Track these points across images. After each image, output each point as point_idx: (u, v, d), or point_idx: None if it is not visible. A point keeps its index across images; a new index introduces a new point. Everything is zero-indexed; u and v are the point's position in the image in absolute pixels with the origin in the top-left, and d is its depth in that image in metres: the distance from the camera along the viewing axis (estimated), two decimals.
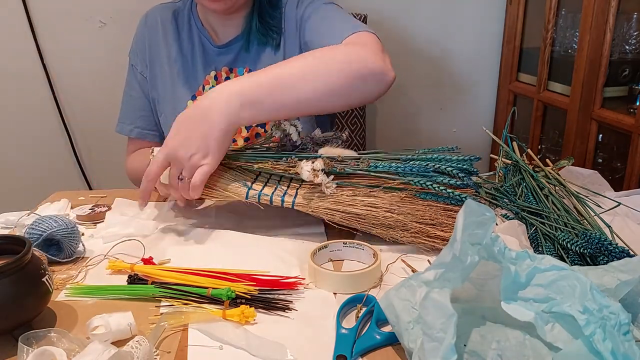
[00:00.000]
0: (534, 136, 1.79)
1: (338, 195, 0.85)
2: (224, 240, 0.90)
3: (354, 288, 0.75)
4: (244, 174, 0.91)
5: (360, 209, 0.84)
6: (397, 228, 0.84)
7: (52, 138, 1.83)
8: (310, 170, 0.83)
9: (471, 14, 1.87)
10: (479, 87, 1.97)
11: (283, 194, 0.87)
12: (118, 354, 0.58)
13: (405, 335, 0.58)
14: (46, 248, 0.82)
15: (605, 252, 0.72)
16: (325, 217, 0.85)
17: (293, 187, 0.89)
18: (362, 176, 0.88)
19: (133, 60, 1.23)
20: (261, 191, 0.88)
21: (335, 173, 0.86)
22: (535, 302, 0.54)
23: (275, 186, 0.89)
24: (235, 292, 0.71)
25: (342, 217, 0.85)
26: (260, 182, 0.90)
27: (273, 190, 0.88)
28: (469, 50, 1.91)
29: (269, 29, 1.15)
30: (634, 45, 1.47)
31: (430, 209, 0.84)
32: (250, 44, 1.16)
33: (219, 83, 1.15)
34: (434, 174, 0.86)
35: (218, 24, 1.18)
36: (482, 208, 0.56)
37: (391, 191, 0.86)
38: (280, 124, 0.93)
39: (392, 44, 1.86)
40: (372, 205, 0.84)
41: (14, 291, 0.63)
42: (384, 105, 1.96)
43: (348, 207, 0.84)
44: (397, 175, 0.87)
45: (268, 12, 1.15)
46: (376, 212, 0.84)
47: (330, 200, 0.85)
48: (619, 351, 0.48)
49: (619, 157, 1.54)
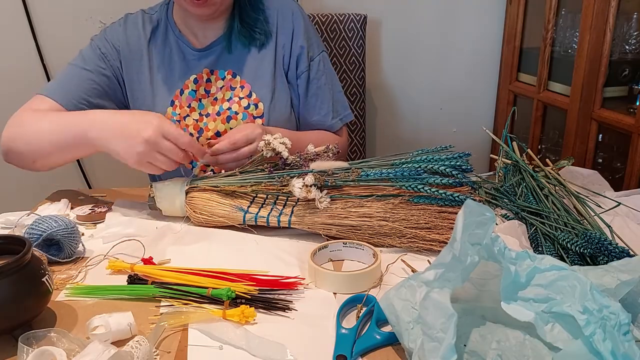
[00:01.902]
0: (534, 136, 1.79)
1: (332, 208, 0.86)
2: (224, 240, 0.90)
3: (354, 288, 0.75)
4: (239, 198, 0.92)
5: (355, 221, 0.85)
6: (394, 235, 0.84)
7: None
8: (301, 187, 0.84)
9: (471, 14, 1.87)
10: (479, 87, 1.97)
11: (279, 214, 0.89)
12: (118, 354, 0.58)
13: (405, 335, 0.58)
14: (46, 248, 0.82)
15: (605, 252, 0.72)
16: (322, 232, 0.86)
17: (289, 206, 0.90)
18: (354, 187, 0.88)
19: (103, 47, 1.14)
20: (257, 214, 0.89)
21: (327, 187, 0.87)
22: (535, 302, 0.54)
23: (271, 207, 0.90)
24: (235, 292, 0.71)
25: (338, 230, 0.86)
26: (256, 205, 0.91)
27: (269, 212, 0.89)
28: (469, 50, 1.91)
29: (250, 29, 1.14)
30: (634, 45, 1.47)
31: (425, 213, 0.84)
32: (233, 46, 1.16)
33: (199, 86, 1.15)
34: (426, 176, 0.86)
35: (198, 27, 1.16)
36: (482, 208, 0.56)
37: (385, 199, 0.86)
38: (269, 144, 0.92)
39: (392, 44, 1.86)
40: (366, 215, 0.85)
41: (14, 291, 0.63)
42: (384, 106, 1.96)
43: (343, 220, 0.85)
44: (389, 181, 0.87)
45: (248, 14, 1.14)
46: (370, 222, 0.84)
47: (325, 214, 0.86)
48: (619, 351, 0.48)
49: (619, 157, 1.54)
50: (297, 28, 1.17)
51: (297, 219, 0.88)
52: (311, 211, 0.87)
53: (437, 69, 1.93)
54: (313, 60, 1.19)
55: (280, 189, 0.89)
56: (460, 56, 1.92)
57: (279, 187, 0.90)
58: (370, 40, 1.72)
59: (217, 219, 0.92)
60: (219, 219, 0.91)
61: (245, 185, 0.91)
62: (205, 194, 0.93)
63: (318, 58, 1.20)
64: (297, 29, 1.17)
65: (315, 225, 0.87)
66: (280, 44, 1.17)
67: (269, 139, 0.92)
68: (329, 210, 0.86)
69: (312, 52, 1.19)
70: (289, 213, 0.88)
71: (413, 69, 1.92)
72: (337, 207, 0.86)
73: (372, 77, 1.85)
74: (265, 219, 0.89)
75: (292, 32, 1.17)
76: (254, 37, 1.15)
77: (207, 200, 0.92)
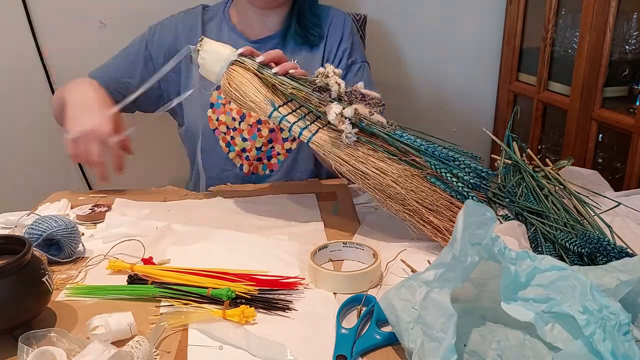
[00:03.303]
0: (534, 136, 1.78)
1: (354, 148, 0.85)
2: (224, 240, 0.90)
3: (354, 288, 0.75)
4: (276, 94, 0.90)
5: (369, 169, 0.84)
6: (396, 200, 0.84)
7: (52, 138, 1.82)
8: (337, 114, 0.83)
9: (471, 14, 1.87)
10: (479, 87, 1.97)
11: (304, 127, 0.87)
12: (118, 354, 0.58)
13: (405, 335, 0.58)
14: (46, 248, 0.82)
15: (604, 252, 0.72)
16: (334, 164, 0.86)
17: (316, 126, 0.88)
18: (384, 141, 0.88)
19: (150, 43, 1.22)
20: (285, 116, 0.87)
21: (360, 127, 0.86)
22: (535, 302, 0.54)
23: (300, 117, 0.88)
24: (235, 292, 0.71)
25: (349, 169, 0.85)
26: (288, 108, 0.89)
27: (296, 120, 0.88)
28: (469, 50, 1.91)
29: (306, 30, 1.20)
30: (634, 45, 1.47)
31: (435, 195, 0.84)
32: (287, 43, 1.21)
33: None
34: (452, 164, 0.86)
35: (257, 20, 1.21)
36: (482, 208, 0.56)
37: (406, 165, 0.86)
38: (327, 76, 0.90)
39: (392, 44, 1.86)
40: (381, 170, 0.84)
41: (14, 291, 0.63)
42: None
43: (359, 163, 0.85)
44: (418, 152, 0.86)
45: (307, 17, 1.20)
46: (382, 178, 0.84)
47: (345, 150, 0.85)
48: (618, 351, 0.48)
49: (619, 157, 1.54)
50: (345, 36, 1.23)
51: (318, 140, 0.86)
52: (334, 140, 0.86)
53: (437, 69, 1.93)
54: (354, 65, 1.23)
55: (317, 105, 0.88)
56: (460, 56, 1.92)
57: (318, 103, 0.88)
58: (370, 40, 1.72)
59: (248, 102, 0.88)
60: (249, 103, 0.88)
61: (287, 85, 0.89)
62: (247, 74, 0.90)
63: (359, 65, 1.24)
64: (345, 36, 1.23)
65: (331, 154, 0.85)
66: (327, 49, 1.22)
67: (328, 72, 0.89)
68: (351, 148, 0.85)
69: (354, 58, 1.24)
70: (314, 131, 0.87)
71: (413, 69, 1.92)
72: (360, 150, 0.86)
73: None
74: (289, 125, 0.87)
75: (340, 39, 1.23)
76: (308, 38, 1.21)
77: (248, 80, 0.89)
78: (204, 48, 0.91)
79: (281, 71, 0.90)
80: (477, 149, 0.92)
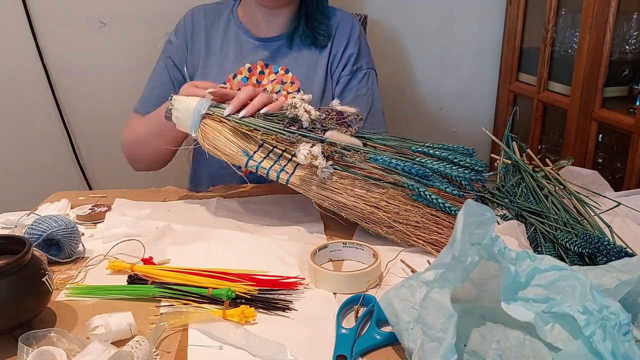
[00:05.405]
0: (534, 136, 1.78)
1: (333, 181, 0.86)
2: (224, 240, 0.90)
3: (354, 288, 0.75)
4: (248, 142, 0.90)
5: (348, 200, 0.85)
6: (382, 225, 0.85)
7: (52, 138, 1.82)
8: (306, 154, 0.83)
9: (471, 14, 1.87)
10: (479, 87, 1.97)
11: (280, 170, 0.88)
12: (118, 354, 0.58)
13: (405, 335, 0.58)
14: (46, 248, 0.82)
15: (604, 252, 0.72)
16: (315, 200, 0.86)
17: (292, 165, 0.89)
18: (361, 166, 0.88)
19: (169, 51, 1.23)
20: (260, 164, 0.88)
21: (333, 158, 0.86)
22: (535, 303, 0.54)
23: (275, 160, 0.89)
24: (235, 292, 0.71)
25: (330, 203, 0.86)
26: (262, 154, 0.89)
27: (272, 165, 0.88)
28: (469, 50, 1.91)
29: (314, 31, 1.19)
30: (634, 45, 1.47)
31: (419, 212, 0.85)
32: (294, 44, 1.20)
33: (252, 75, 1.19)
34: (433, 176, 0.86)
35: (264, 19, 1.21)
36: (482, 208, 0.56)
37: (389, 185, 0.86)
38: (295, 107, 0.90)
39: (392, 44, 1.86)
40: (361, 197, 0.85)
41: (14, 291, 0.63)
42: (384, 106, 1.96)
43: (338, 195, 0.85)
44: (395, 173, 0.87)
45: (316, 17, 1.19)
46: (363, 206, 0.84)
47: (323, 185, 0.86)
48: (618, 351, 0.48)
49: (619, 157, 1.54)
50: (352, 40, 1.22)
51: (296, 180, 0.87)
52: (311, 176, 0.87)
53: (437, 69, 1.93)
54: (359, 71, 1.23)
55: (288, 145, 0.88)
56: (460, 56, 1.92)
57: (288, 143, 0.88)
58: (371, 40, 1.72)
59: (222, 155, 0.89)
60: (225, 156, 0.89)
61: (257, 130, 0.89)
62: (218, 126, 0.90)
63: (365, 72, 1.24)
64: (352, 40, 1.23)
65: (311, 192, 0.86)
66: (333, 53, 1.22)
67: (295, 102, 0.90)
68: (329, 182, 0.86)
69: (360, 64, 1.23)
70: (290, 172, 0.88)
71: (413, 69, 1.92)
72: (338, 182, 0.86)
73: None
74: (265, 171, 0.88)
75: (347, 43, 1.22)
76: (316, 38, 1.20)
77: (218, 132, 0.90)
78: (175, 106, 0.92)
79: (249, 113, 0.90)
80: (477, 149, 0.92)
